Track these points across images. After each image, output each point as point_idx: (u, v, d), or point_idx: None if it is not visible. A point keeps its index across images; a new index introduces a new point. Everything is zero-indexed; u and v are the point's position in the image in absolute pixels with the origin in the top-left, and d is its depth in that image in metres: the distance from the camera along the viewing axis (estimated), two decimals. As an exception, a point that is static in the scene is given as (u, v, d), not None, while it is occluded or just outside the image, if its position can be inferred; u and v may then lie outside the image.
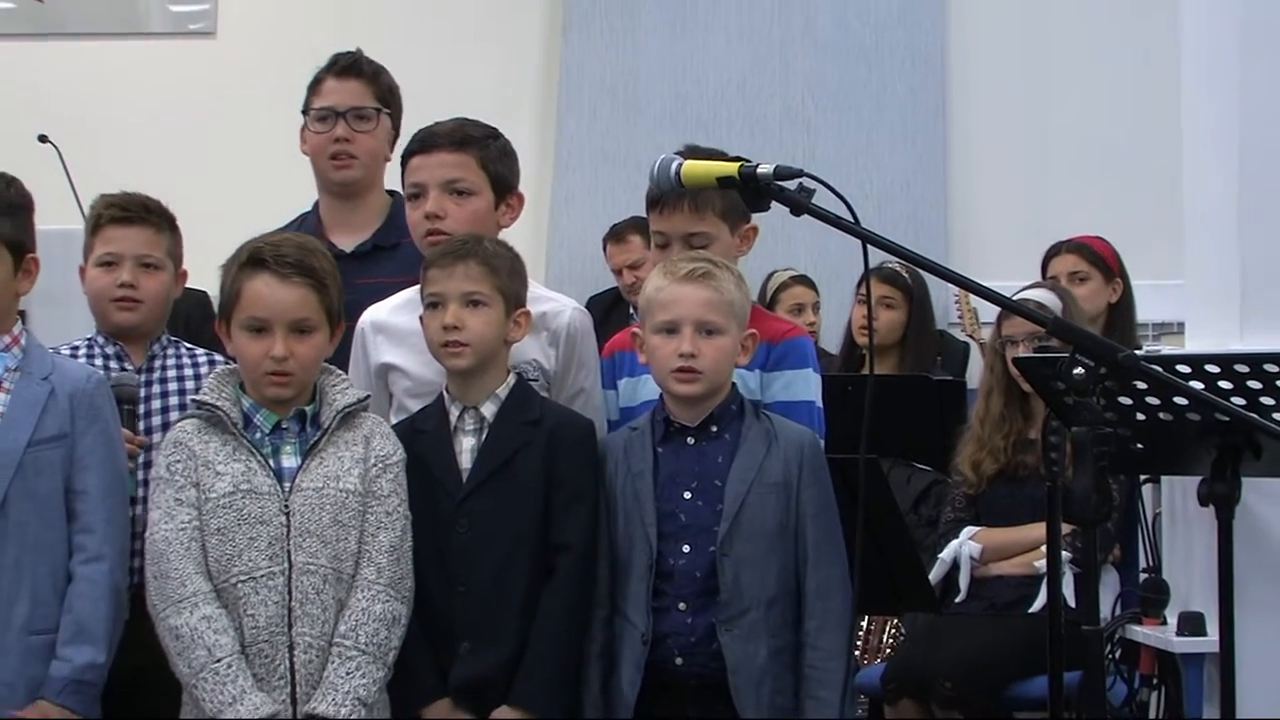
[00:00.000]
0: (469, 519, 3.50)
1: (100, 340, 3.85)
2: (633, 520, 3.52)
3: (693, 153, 3.28)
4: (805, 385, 3.75)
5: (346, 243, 4.30)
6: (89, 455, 3.47)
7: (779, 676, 3.46)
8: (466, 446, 3.56)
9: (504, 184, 3.91)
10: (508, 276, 3.58)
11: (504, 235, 3.85)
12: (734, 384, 3.59)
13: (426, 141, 3.90)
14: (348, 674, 3.35)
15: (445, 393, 3.61)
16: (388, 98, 4.43)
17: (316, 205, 4.46)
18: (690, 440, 3.55)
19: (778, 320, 4.07)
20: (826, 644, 3.48)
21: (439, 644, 3.48)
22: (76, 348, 3.83)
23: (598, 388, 3.87)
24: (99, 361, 3.79)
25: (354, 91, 4.39)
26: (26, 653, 3.39)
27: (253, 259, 3.46)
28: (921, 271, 3.27)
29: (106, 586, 3.43)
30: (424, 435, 3.58)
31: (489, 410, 3.57)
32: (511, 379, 3.61)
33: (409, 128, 4.12)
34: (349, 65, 4.42)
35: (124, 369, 3.79)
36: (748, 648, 3.45)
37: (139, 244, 3.85)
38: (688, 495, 3.52)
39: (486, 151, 3.90)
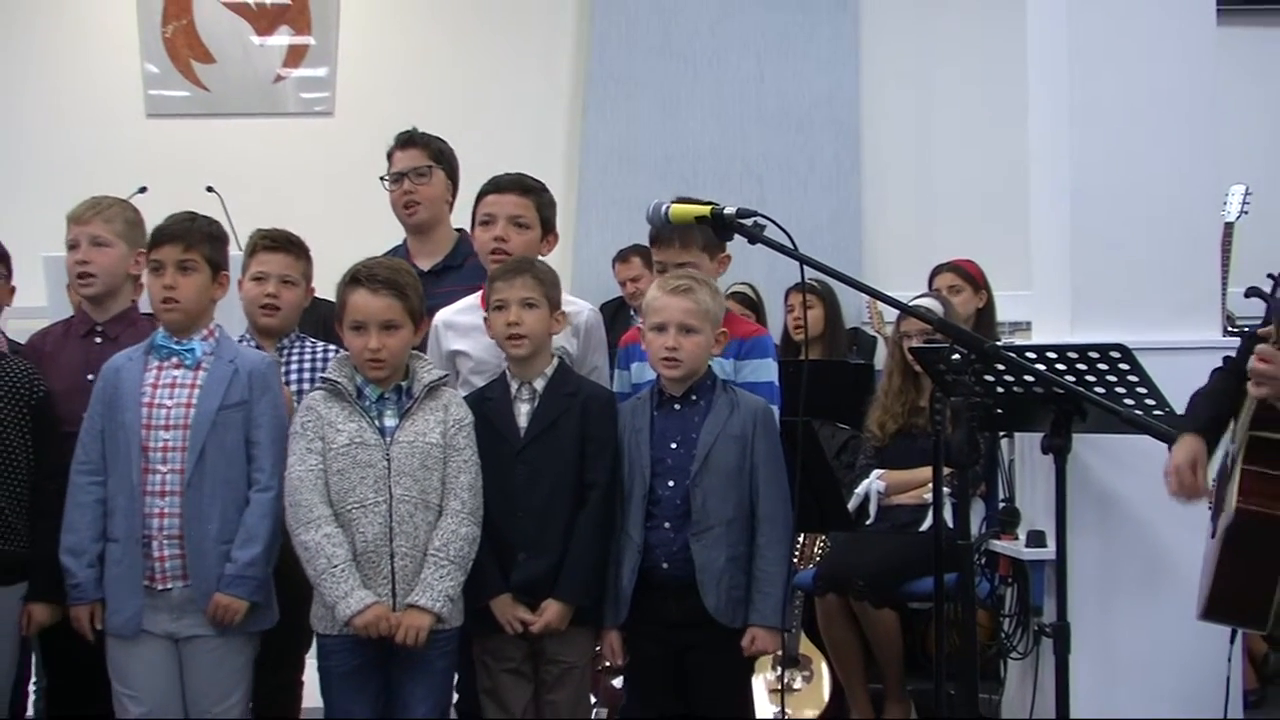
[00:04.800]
0: (525, 463, 3.51)
1: (247, 337, 3.84)
2: (634, 463, 3.53)
3: (679, 200, 3.27)
4: (767, 370, 3.75)
5: (425, 264, 4.29)
6: (261, 416, 3.48)
7: (734, 576, 3.47)
8: (523, 411, 3.56)
9: (549, 224, 3.94)
10: (551, 288, 3.60)
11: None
12: (710, 366, 3.59)
13: (501, 185, 3.92)
14: (440, 578, 3.38)
15: (507, 371, 3.61)
16: (439, 157, 4.41)
17: (405, 240, 4.45)
18: (677, 406, 3.56)
19: (747, 323, 4.08)
20: (772, 554, 3.49)
21: (502, 554, 3.50)
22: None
23: (606, 366, 3.89)
24: None
25: (412, 157, 4.38)
26: (219, 557, 3.41)
27: (353, 278, 3.49)
28: (840, 283, 3.25)
29: (270, 508, 3.45)
30: (491, 402, 3.58)
31: (539, 384, 3.57)
32: (555, 361, 3.62)
33: (475, 180, 4.10)
34: (406, 139, 4.43)
35: None
36: (711, 554, 3.46)
37: (282, 266, 3.85)
38: (673, 445, 3.52)
39: (541, 199, 3.92)
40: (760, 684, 4.50)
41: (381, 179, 4.42)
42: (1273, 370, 2.93)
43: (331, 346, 3.81)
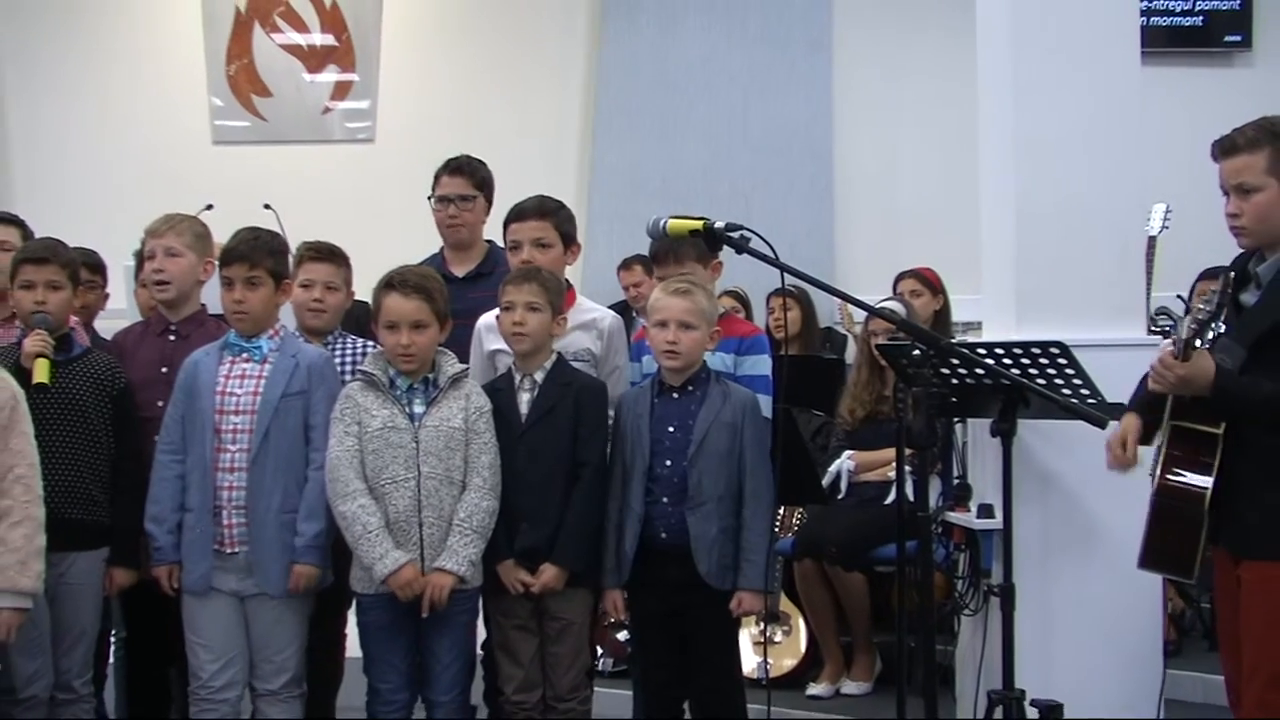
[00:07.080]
0: (526, 445, 3.50)
1: (296, 334, 3.82)
2: (636, 444, 3.52)
3: (674, 216, 3.25)
4: (763, 365, 3.74)
5: (460, 271, 4.25)
6: (319, 404, 3.50)
7: (724, 546, 3.47)
8: (524, 399, 3.55)
9: (569, 238, 3.88)
10: (555, 295, 3.58)
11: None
12: (705, 361, 3.58)
13: (522, 212, 3.86)
14: (464, 545, 3.38)
15: (512, 365, 3.61)
16: (482, 185, 4.31)
17: (442, 249, 4.37)
18: (675, 395, 3.55)
19: (747, 324, 4.09)
20: (757, 526, 3.48)
21: (507, 524, 3.48)
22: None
23: (627, 365, 3.86)
24: None
25: (459, 184, 4.26)
26: (281, 526, 3.44)
27: (387, 283, 3.49)
28: (815, 288, 3.25)
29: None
30: (498, 392, 3.58)
31: (539, 376, 3.56)
32: (554, 356, 3.60)
33: (500, 196, 4.06)
34: (456, 166, 4.30)
35: None
36: (705, 526, 3.45)
37: (326, 273, 3.85)
38: (671, 429, 3.51)
39: (559, 217, 3.87)
40: (745, 637, 4.49)
41: (428, 198, 4.36)
42: (1167, 375, 2.97)
43: (370, 342, 3.80)
